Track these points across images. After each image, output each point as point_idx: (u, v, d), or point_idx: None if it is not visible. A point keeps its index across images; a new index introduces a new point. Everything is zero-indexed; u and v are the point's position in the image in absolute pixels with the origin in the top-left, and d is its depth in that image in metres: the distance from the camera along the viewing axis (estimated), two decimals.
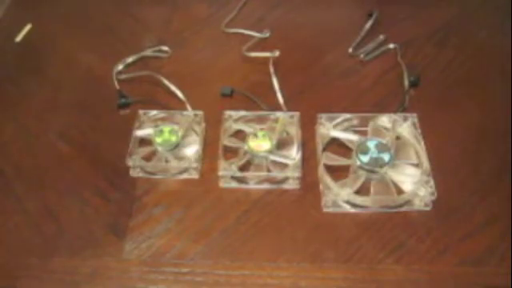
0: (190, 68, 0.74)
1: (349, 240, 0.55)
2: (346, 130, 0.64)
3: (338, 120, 0.63)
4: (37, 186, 0.61)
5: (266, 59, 0.71)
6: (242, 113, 0.64)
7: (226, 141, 0.62)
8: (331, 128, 0.63)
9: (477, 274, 0.53)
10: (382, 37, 0.75)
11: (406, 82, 0.68)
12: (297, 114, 0.64)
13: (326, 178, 0.58)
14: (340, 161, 0.61)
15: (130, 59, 0.73)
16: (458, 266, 0.53)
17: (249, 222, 0.57)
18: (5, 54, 0.77)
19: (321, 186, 0.59)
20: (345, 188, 0.57)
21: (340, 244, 0.55)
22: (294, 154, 0.61)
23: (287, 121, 0.63)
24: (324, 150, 0.62)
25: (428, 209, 0.57)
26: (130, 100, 0.69)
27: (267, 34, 0.77)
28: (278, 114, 0.64)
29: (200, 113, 0.65)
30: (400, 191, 0.58)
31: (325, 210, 0.58)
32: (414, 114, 0.64)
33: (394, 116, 0.64)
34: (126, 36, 0.79)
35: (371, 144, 0.60)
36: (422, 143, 0.61)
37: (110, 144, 0.64)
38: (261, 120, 0.64)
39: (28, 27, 0.80)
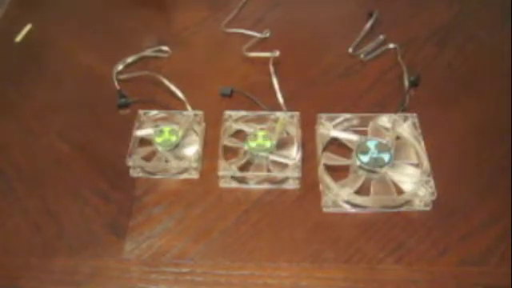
0: (190, 68, 0.74)
1: (349, 240, 0.55)
2: (345, 129, 0.64)
3: (338, 120, 0.63)
4: (37, 186, 0.61)
5: (266, 59, 0.71)
6: (242, 113, 0.64)
7: (226, 141, 0.62)
8: (331, 128, 0.63)
9: (477, 273, 0.53)
10: (381, 37, 0.75)
11: (406, 82, 0.68)
12: (297, 113, 0.64)
13: (326, 178, 0.58)
14: (340, 161, 0.61)
15: (129, 59, 0.73)
16: (458, 266, 0.53)
17: (249, 222, 0.57)
18: (5, 53, 0.77)
19: (321, 186, 0.59)
20: (345, 188, 0.57)
21: (340, 244, 0.55)
22: (293, 154, 0.61)
23: (287, 121, 0.63)
24: (324, 150, 0.62)
25: (428, 209, 0.57)
26: (130, 100, 0.69)
27: (267, 34, 0.77)
28: (278, 113, 0.64)
29: (200, 113, 0.65)
30: (400, 191, 0.58)
31: (325, 209, 0.58)
32: (414, 114, 0.63)
33: (394, 116, 0.64)
34: (126, 36, 0.79)
35: (371, 144, 0.60)
36: (422, 143, 0.61)
37: (110, 144, 0.64)
38: (261, 120, 0.64)
39: (28, 27, 0.80)
